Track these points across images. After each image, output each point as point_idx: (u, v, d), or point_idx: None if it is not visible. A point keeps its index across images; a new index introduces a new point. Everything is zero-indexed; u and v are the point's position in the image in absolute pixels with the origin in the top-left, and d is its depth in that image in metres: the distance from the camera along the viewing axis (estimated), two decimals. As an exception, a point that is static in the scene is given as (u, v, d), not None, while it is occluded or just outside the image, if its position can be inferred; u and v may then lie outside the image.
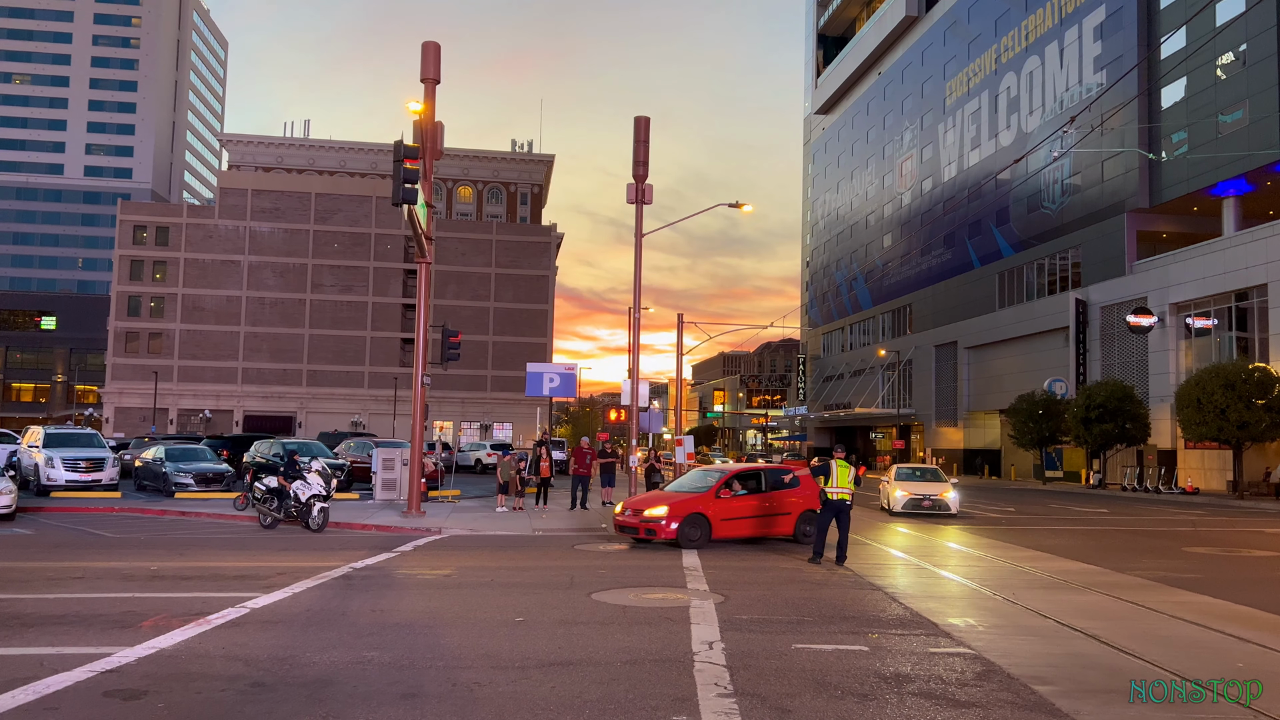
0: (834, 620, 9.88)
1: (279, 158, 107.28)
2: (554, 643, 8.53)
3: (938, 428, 71.66)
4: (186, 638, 8.47)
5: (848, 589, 12.10)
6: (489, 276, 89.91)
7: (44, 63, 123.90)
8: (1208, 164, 45.88)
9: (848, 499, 14.74)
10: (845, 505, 14.71)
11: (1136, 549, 17.98)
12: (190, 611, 9.66)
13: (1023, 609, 10.73)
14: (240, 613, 9.67)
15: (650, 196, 25.92)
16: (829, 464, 14.78)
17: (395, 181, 16.79)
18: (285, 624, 9.19)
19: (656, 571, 13.48)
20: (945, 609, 10.71)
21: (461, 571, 13.23)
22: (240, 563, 13.79)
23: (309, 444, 30.94)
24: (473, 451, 52.91)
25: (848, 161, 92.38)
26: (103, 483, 26.61)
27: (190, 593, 10.96)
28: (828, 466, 14.76)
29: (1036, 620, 10.04)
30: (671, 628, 9.29)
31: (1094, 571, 14.22)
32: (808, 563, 14.72)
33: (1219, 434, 36.60)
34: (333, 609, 10.04)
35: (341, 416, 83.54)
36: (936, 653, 8.42)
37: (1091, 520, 25.31)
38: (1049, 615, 10.26)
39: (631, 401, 25.19)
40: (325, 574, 12.55)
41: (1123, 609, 10.85)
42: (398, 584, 11.96)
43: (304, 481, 18.97)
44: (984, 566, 14.77)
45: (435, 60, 21.50)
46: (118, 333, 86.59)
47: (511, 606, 10.35)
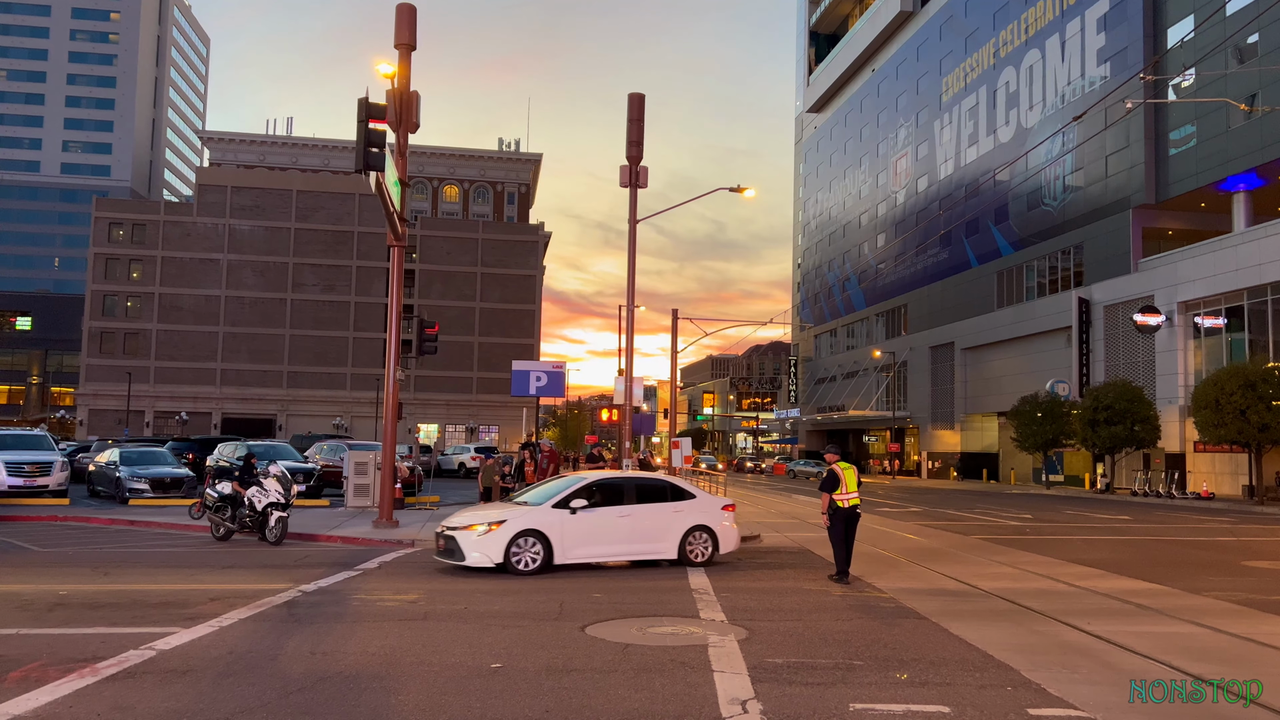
0: (889, 664, 7.95)
1: (261, 156, 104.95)
2: (539, 702, 6.59)
3: (933, 430, 70.03)
4: (55, 699, 6.46)
5: (892, 618, 10.18)
6: (475, 276, 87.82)
7: (20, 58, 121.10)
8: (1217, 158, 44.41)
9: (858, 504, 13.13)
10: (857, 513, 13.13)
11: (1190, 563, 16.16)
12: (78, 657, 7.65)
13: (1110, 645, 8.83)
14: (142, 658, 7.66)
15: (645, 180, 24.02)
16: (835, 471, 12.99)
17: (359, 144, 14.82)
18: (194, 675, 7.19)
19: (661, 595, 11.54)
20: (1014, 645, 8.80)
21: (431, 596, 11.24)
22: (171, 584, 11.76)
23: (275, 446, 28.83)
24: (456, 455, 50.91)
25: (840, 160, 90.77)
26: (50, 489, 24.52)
27: (91, 628, 8.92)
28: (835, 475, 12.96)
29: (1139, 663, 8.13)
30: (688, 677, 7.35)
31: (1162, 592, 12.37)
32: (830, 579, 12.98)
33: (1239, 436, 34.95)
34: (262, 651, 8.05)
35: (323, 419, 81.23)
36: (1040, 717, 6.51)
37: (1118, 529, 23.52)
38: (1149, 655, 8.37)
39: (625, 400, 23.20)
40: (266, 600, 10.55)
41: (1231, 645, 8.98)
42: (351, 614, 9.97)
43: (260, 488, 16.94)
44: (1032, 585, 12.89)
45: (410, 24, 19.52)
46: (92, 333, 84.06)
47: (487, 646, 8.39)
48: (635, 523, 13.96)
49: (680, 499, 14.52)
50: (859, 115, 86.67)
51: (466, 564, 13.05)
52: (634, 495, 14.27)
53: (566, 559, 13.42)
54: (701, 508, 14.55)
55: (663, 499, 14.43)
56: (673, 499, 14.48)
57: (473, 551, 13.00)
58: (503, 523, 13.17)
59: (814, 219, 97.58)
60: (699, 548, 14.29)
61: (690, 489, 15.02)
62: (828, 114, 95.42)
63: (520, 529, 13.14)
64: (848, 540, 13.00)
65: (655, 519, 14.13)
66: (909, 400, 72.86)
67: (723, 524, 14.57)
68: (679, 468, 27.15)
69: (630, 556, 14.12)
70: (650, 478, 15.45)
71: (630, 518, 13.95)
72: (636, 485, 14.62)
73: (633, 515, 13.99)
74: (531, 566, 13.08)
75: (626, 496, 14.18)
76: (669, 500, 14.44)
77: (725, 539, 14.55)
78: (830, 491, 12.95)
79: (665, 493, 14.60)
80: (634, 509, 14.04)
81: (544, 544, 13.20)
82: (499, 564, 12.97)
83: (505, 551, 12.98)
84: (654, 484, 14.90)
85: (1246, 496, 38.22)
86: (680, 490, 14.79)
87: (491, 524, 13.17)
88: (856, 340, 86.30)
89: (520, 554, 13.08)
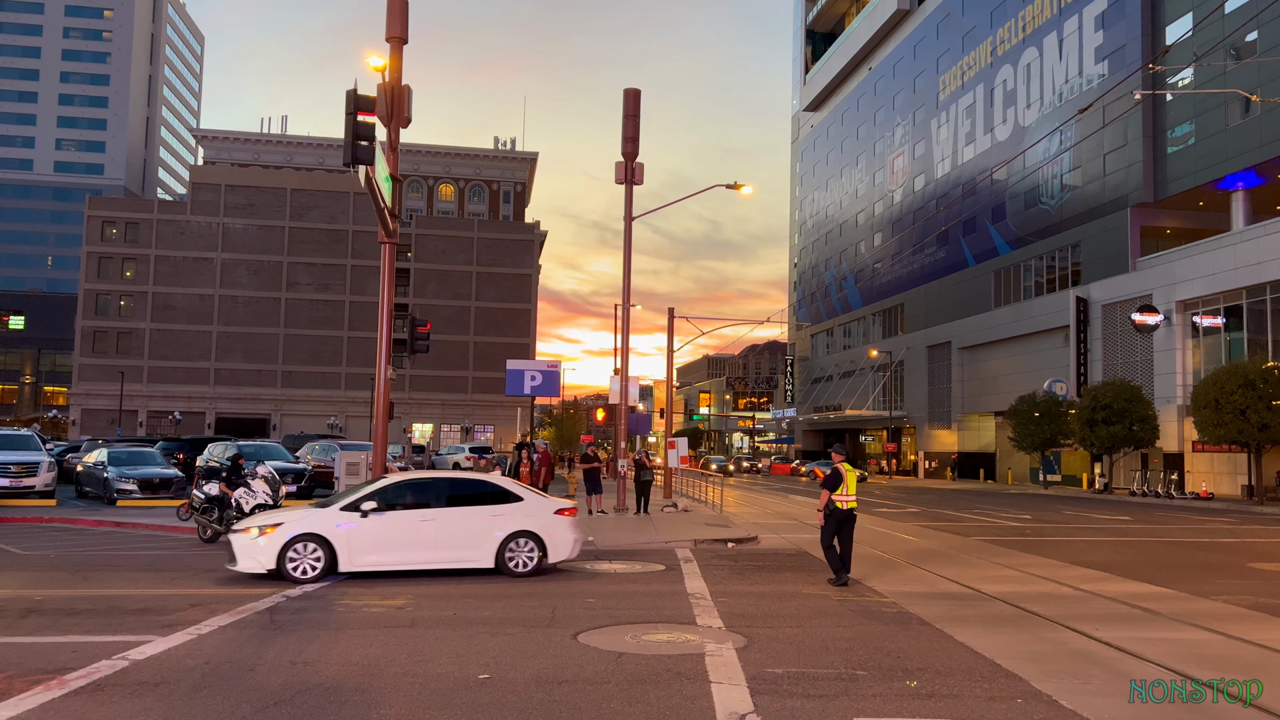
0: (894, 674, 7.64)
1: (256, 154, 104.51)
2: (527, 717, 6.27)
3: (930, 430, 69.81)
4: (14, 715, 6.14)
5: (895, 624, 9.87)
6: (470, 275, 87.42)
7: (13, 55, 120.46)
8: (1215, 156, 44.19)
9: (855, 506, 12.94)
10: (854, 515, 12.92)
11: (1195, 565, 15.88)
12: (47, 668, 7.32)
13: (1121, 653, 8.53)
14: (114, 668, 7.33)
15: (641, 176, 23.73)
16: (840, 471, 12.74)
17: (347, 137, 14.48)
18: (167, 687, 6.87)
19: (656, 600, 11.22)
20: (1022, 653, 8.50)
21: (419, 601, 10.91)
22: (151, 589, 11.42)
23: (266, 446, 28.48)
24: (451, 455, 50.53)
25: (837, 159, 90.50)
26: (36, 489, 24.21)
27: (63, 636, 8.59)
28: (839, 474, 12.72)
29: (1153, 672, 7.82)
30: (684, 689, 7.03)
31: (1170, 596, 12.08)
32: (829, 582, 12.73)
33: (1239, 435, 34.70)
34: (240, 660, 7.72)
35: (318, 419, 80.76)
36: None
37: (1119, 530, 23.25)
38: (1163, 664, 8.07)
39: (621, 399, 22.90)
40: (249, 605, 10.22)
41: (1246, 653, 8.68)
42: (335, 620, 9.64)
43: (248, 489, 16.61)
44: (1036, 589, 12.60)
45: (402, 17, 19.13)
46: (85, 332, 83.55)
47: (475, 655, 8.07)
48: (440, 527, 12.76)
49: (504, 502, 13.25)
50: (856, 114, 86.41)
51: (239, 569, 12.16)
52: (444, 498, 13.10)
53: (354, 566, 12.36)
54: (528, 511, 13.20)
55: (481, 502, 13.19)
56: (494, 502, 13.22)
57: (245, 557, 12.10)
58: (279, 526, 12.24)
59: (810, 218, 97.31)
60: (521, 556, 12.99)
61: (519, 491, 13.64)
62: (824, 113, 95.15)
63: (297, 533, 12.15)
64: (845, 541, 12.81)
65: (466, 523, 12.90)
66: (906, 400, 72.62)
67: (553, 529, 13.19)
68: (675, 468, 26.85)
69: (434, 564, 12.77)
70: (469, 478, 14.14)
71: (434, 522, 12.76)
72: (449, 486, 13.48)
73: (437, 519, 12.80)
74: (310, 575, 12.07)
75: (435, 499, 13.04)
76: (488, 504, 13.18)
77: (556, 546, 13.18)
78: (831, 490, 12.69)
79: (485, 495, 13.34)
80: (439, 512, 12.87)
81: (327, 550, 12.19)
82: (271, 570, 12.03)
83: (279, 558, 12.02)
84: (471, 485, 13.67)
85: (1246, 496, 38.00)
86: (505, 492, 13.45)
87: (265, 528, 12.21)
88: (853, 340, 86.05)
89: (298, 561, 12.10)
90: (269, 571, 12.08)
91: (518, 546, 13.01)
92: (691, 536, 18.28)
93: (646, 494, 24.13)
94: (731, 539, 18.19)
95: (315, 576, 12.11)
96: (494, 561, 12.91)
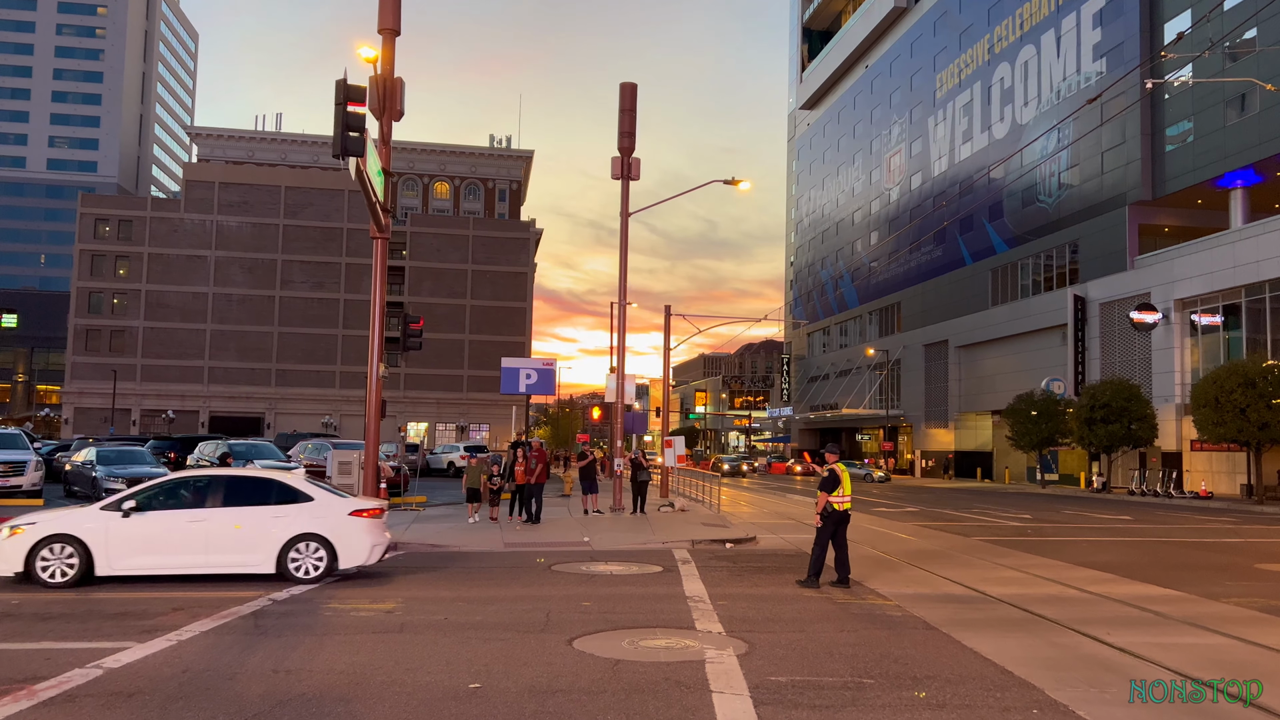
0: (902, 682, 7.34)
1: (250, 152, 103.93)
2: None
3: (927, 429, 69.60)
4: (-23, 729, 5.83)
5: (900, 629, 9.57)
6: (465, 273, 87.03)
7: (5, 52, 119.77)
8: (1214, 154, 43.99)
9: (850, 506, 12.69)
10: (849, 516, 12.65)
11: (1201, 566, 15.61)
12: (17, 676, 6.99)
13: (1136, 660, 8.23)
14: (87, 678, 7.01)
15: (637, 172, 23.41)
16: (836, 472, 12.49)
17: (336, 128, 14.15)
18: (141, 698, 6.54)
19: (654, 603, 10.91)
20: (1034, 659, 8.21)
21: (409, 605, 10.59)
22: (133, 592, 11.08)
23: (257, 445, 28.14)
24: (446, 454, 50.24)
25: (833, 157, 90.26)
26: (23, 489, 23.86)
27: (37, 642, 8.25)
28: (836, 475, 12.46)
29: (1168, 678, 7.53)
30: (684, 699, 6.72)
31: (1179, 598, 11.80)
32: (798, 584, 12.45)
33: (1239, 434, 34.48)
34: (220, 668, 7.39)
35: (312, 418, 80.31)
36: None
37: (1121, 530, 23.00)
38: (1180, 671, 7.77)
39: (617, 398, 22.58)
40: (233, 609, 9.90)
41: (1265, 659, 8.38)
42: (321, 625, 9.31)
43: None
44: (1042, 591, 12.31)
45: (394, 9, 18.82)
46: (78, 330, 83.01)
47: (466, 662, 7.75)
48: (212, 529, 11.83)
49: (290, 501, 12.26)
50: (852, 112, 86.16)
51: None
52: (220, 497, 12.17)
53: (113, 570, 11.54)
54: (315, 512, 12.19)
55: (263, 501, 12.20)
56: (279, 501, 12.23)
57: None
58: (30, 525, 11.49)
59: (807, 216, 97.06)
60: (306, 561, 12.01)
61: (309, 490, 12.60)
62: (821, 111, 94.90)
63: (48, 534, 11.36)
64: (840, 542, 12.56)
65: (243, 525, 11.95)
66: (902, 399, 72.40)
67: (345, 532, 12.19)
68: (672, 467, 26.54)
69: (205, 569, 11.86)
70: (253, 476, 13.11)
71: (205, 523, 11.84)
72: (226, 485, 12.44)
73: (209, 520, 11.87)
74: (64, 579, 11.29)
75: (210, 498, 12.13)
76: (271, 504, 12.21)
77: (349, 550, 12.16)
78: (829, 492, 12.40)
79: (268, 494, 12.34)
80: (212, 513, 11.95)
81: (82, 552, 11.38)
82: (20, 574, 11.30)
83: (27, 560, 11.23)
84: (254, 484, 12.60)
85: (1245, 496, 37.80)
86: (292, 491, 12.44)
87: (15, 528, 11.47)
88: (850, 338, 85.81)
89: (50, 563, 11.30)
90: (17, 575, 11.38)
91: (303, 551, 12.05)
92: (689, 537, 17.99)
93: (643, 494, 23.83)
94: (730, 540, 17.89)
95: (68, 581, 11.33)
96: (275, 567, 11.95)
